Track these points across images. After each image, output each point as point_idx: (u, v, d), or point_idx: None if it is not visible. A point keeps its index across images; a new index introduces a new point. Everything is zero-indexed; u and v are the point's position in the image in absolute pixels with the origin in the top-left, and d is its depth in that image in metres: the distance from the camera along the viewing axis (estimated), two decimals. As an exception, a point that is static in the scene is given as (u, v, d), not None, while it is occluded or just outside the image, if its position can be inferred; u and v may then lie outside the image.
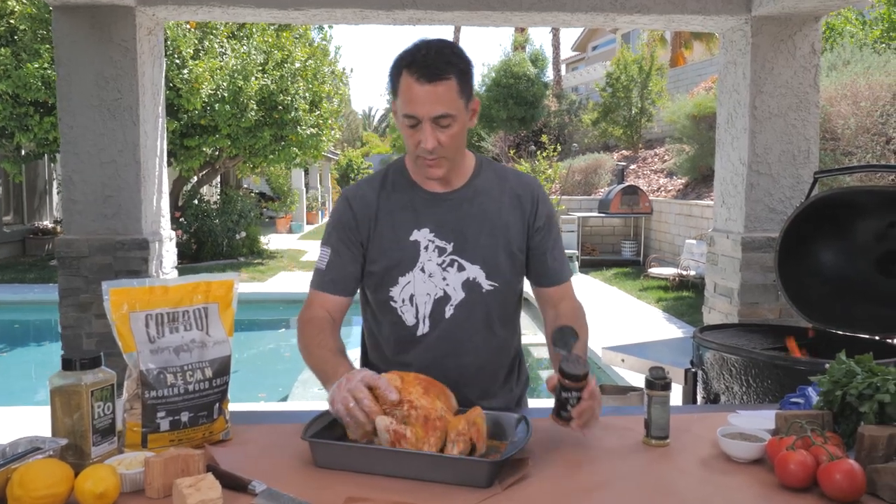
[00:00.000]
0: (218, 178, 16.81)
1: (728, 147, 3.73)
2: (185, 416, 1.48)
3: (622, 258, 12.19)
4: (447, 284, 1.68)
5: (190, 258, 12.30)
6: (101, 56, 3.36)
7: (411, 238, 1.68)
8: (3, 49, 9.38)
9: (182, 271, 10.91)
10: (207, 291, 1.57)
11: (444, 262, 1.68)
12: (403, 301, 1.70)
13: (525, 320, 8.99)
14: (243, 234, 13.16)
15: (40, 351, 7.91)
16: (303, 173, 22.01)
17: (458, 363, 1.71)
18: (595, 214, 12.38)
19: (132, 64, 3.36)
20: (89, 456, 1.37)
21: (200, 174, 12.83)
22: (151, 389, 1.44)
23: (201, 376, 1.51)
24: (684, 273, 9.35)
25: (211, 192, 16.40)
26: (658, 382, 1.54)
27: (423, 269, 1.68)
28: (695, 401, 2.92)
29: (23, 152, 11.12)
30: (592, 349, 6.38)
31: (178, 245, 11.95)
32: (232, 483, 1.31)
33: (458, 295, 1.69)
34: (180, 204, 12.51)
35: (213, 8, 3.31)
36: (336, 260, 1.71)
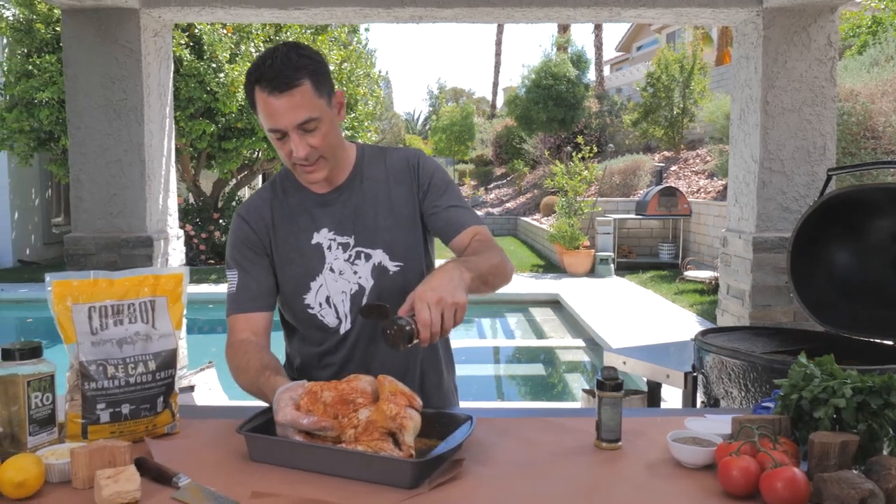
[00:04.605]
0: (259, 180, 17.08)
1: (740, 144, 3.60)
2: (126, 409, 1.48)
3: (659, 261, 11.94)
4: (359, 277, 1.67)
5: (228, 259, 12.50)
6: (107, 57, 3.44)
7: (313, 241, 1.67)
8: (48, 56, 9.70)
9: (221, 272, 11.16)
10: (155, 285, 1.57)
11: (350, 256, 1.67)
12: (321, 305, 1.68)
13: (555, 324, 8.90)
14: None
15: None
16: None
17: (380, 350, 1.68)
18: (632, 216, 12.16)
19: (137, 65, 3.43)
20: (26, 445, 1.38)
21: (239, 176, 13.05)
22: (91, 381, 1.45)
23: (144, 369, 1.51)
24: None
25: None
26: (608, 383, 1.48)
27: (331, 269, 1.66)
28: (694, 405, 2.83)
29: (70, 155, 11.50)
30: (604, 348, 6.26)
31: (215, 246, 12.25)
32: (158, 476, 1.31)
33: (369, 284, 1.67)
34: (219, 206, 12.75)
35: (215, 9, 3.35)
36: (246, 278, 1.67)
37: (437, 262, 1.72)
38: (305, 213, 1.68)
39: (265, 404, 1.51)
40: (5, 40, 11.10)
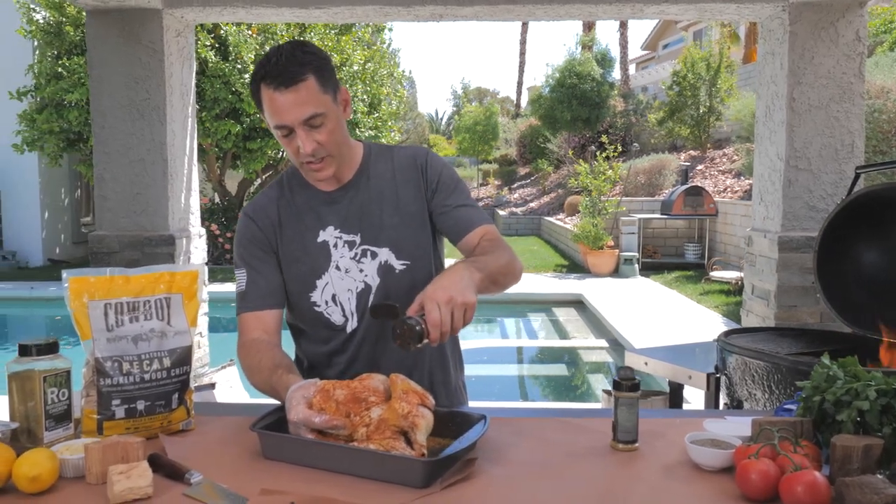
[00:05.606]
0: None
1: (766, 142, 3.53)
2: (141, 405, 1.49)
3: (685, 261, 11.81)
4: (365, 276, 1.66)
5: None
6: (130, 58, 3.48)
7: (319, 240, 1.67)
8: (77, 58, 9.86)
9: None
10: (171, 282, 1.58)
11: (356, 254, 1.66)
12: (326, 303, 1.67)
13: (578, 324, 8.83)
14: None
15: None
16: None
17: (387, 347, 1.68)
18: (657, 216, 12.03)
19: (160, 65, 3.47)
20: (42, 440, 1.39)
21: (264, 176, 13.16)
22: (106, 377, 1.46)
23: (159, 366, 1.51)
24: (747, 277, 8.97)
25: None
26: (625, 383, 1.45)
27: (337, 267, 1.66)
28: (717, 407, 2.78)
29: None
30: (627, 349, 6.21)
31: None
32: (171, 472, 1.31)
33: (376, 282, 1.67)
34: (244, 205, 12.86)
35: (237, 9, 3.37)
36: (255, 276, 1.67)
37: (447, 262, 1.71)
38: (312, 211, 1.68)
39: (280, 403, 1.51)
40: (35, 43, 11.31)
